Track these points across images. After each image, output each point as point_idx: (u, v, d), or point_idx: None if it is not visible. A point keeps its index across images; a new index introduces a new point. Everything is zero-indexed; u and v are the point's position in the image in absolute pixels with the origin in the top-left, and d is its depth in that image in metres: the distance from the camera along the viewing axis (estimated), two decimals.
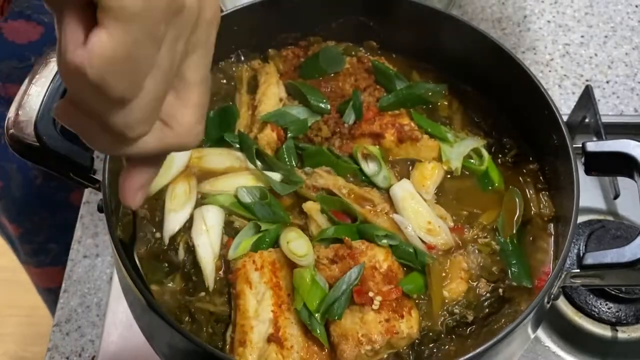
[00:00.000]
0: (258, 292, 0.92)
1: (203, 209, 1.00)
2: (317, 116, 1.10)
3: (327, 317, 0.91)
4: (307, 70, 1.16)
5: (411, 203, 1.01)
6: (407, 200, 1.01)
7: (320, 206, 1.00)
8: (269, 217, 0.99)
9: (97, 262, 1.27)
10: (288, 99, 1.12)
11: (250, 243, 0.97)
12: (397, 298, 0.92)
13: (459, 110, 1.15)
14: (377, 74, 1.15)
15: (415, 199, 1.01)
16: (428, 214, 1.00)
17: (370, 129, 1.08)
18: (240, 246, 0.96)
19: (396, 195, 1.02)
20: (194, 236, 0.97)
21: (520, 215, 1.04)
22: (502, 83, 1.10)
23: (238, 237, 0.98)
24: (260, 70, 1.15)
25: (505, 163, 1.10)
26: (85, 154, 0.93)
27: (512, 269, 0.99)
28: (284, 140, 1.07)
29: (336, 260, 0.94)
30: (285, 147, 1.07)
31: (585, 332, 1.17)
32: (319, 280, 0.92)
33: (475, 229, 1.03)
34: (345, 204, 1.00)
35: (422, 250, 0.98)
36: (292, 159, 1.06)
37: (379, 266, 0.94)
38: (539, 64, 1.53)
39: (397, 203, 1.01)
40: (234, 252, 0.96)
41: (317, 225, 1.00)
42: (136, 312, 0.96)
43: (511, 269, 0.99)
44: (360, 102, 1.10)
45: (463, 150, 1.08)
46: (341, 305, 0.91)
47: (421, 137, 1.08)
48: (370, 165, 1.06)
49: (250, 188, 1.01)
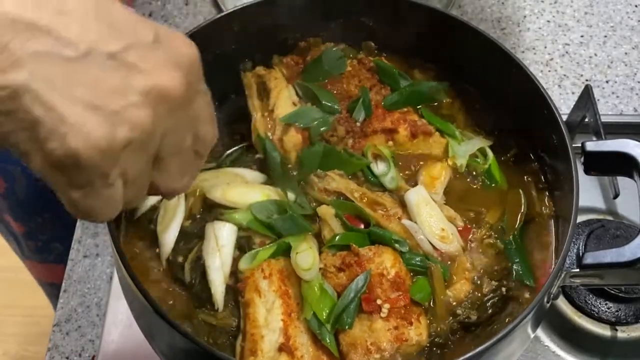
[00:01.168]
0: (267, 300, 0.92)
1: (216, 225, 0.97)
2: (331, 116, 1.09)
3: (338, 327, 0.90)
4: (311, 74, 1.16)
5: (425, 209, 1.00)
6: (421, 205, 1.00)
7: (335, 211, 0.99)
8: (293, 230, 0.98)
9: (97, 262, 1.27)
10: (300, 102, 1.12)
11: (267, 255, 0.95)
12: (405, 305, 0.92)
13: (461, 109, 1.16)
14: (380, 73, 1.15)
15: (430, 204, 1.01)
16: (441, 221, 1.00)
17: (383, 125, 1.08)
18: (257, 257, 0.95)
19: (411, 200, 1.01)
20: (205, 255, 0.95)
21: (523, 214, 1.04)
22: (501, 83, 1.10)
23: (254, 250, 0.96)
24: (268, 75, 1.14)
25: (507, 162, 1.10)
26: None
27: (515, 267, 0.99)
28: (307, 142, 1.07)
29: (343, 268, 0.94)
30: (313, 149, 1.05)
31: (585, 331, 1.17)
32: (327, 289, 0.92)
33: (482, 228, 1.03)
34: (358, 208, 1.00)
35: (430, 256, 0.98)
36: (316, 161, 1.05)
37: (387, 273, 0.93)
38: (538, 63, 1.53)
39: (411, 208, 1.01)
40: (250, 263, 0.95)
41: (330, 229, 0.99)
42: (136, 311, 0.96)
43: (515, 268, 0.99)
44: (369, 99, 1.10)
45: (470, 148, 1.09)
46: (350, 314, 0.90)
47: (434, 132, 1.09)
48: (380, 166, 1.06)
49: (266, 203, 0.99)
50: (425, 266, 0.97)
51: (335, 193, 1.02)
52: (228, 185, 1.02)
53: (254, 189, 1.03)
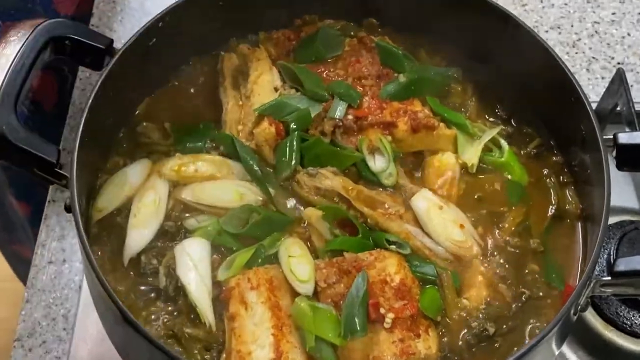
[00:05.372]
0: (255, 313, 0.92)
1: (185, 245, 0.98)
2: (319, 105, 1.08)
3: (351, 335, 0.90)
4: (303, 53, 1.15)
5: (438, 213, 1.00)
6: (432, 211, 1.00)
7: (323, 215, 0.99)
8: (270, 231, 0.99)
9: (64, 269, 1.26)
10: (284, 87, 1.11)
11: (245, 260, 0.96)
12: (412, 315, 0.92)
13: (474, 97, 1.15)
14: (382, 55, 1.15)
15: (443, 208, 1.01)
16: (457, 224, 1.00)
17: (380, 119, 1.07)
18: (233, 265, 0.96)
19: (419, 207, 1.01)
20: (181, 275, 0.96)
21: (549, 213, 1.05)
22: (522, 66, 1.10)
23: (231, 256, 0.97)
24: (250, 56, 1.14)
25: (527, 155, 1.11)
26: (51, 146, 0.93)
27: (540, 273, 1.00)
28: (283, 136, 1.06)
29: (340, 276, 0.94)
30: (288, 143, 1.05)
31: (616, 347, 1.17)
32: (321, 306, 0.92)
33: (499, 230, 1.03)
34: (350, 215, 1.00)
35: (439, 262, 0.98)
36: (294, 157, 1.04)
37: (390, 279, 0.94)
38: (564, 44, 1.53)
39: (421, 216, 1.01)
40: (226, 273, 0.95)
41: (318, 235, 1.00)
42: (109, 325, 0.96)
43: (540, 273, 1.00)
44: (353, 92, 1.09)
45: (483, 142, 1.09)
46: (361, 319, 0.90)
47: (438, 125, 1.08)
48: (378, 161, 1.06)
49: (237, 212, 1.00)
50: (434, 274, 0.97)
51: (328, 192, 1.02)
52: (198, 185, 1.03)
53: (226, 188, 1.03)
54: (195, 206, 1.02)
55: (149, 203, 1.01)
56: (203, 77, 1.17)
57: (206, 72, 1.18)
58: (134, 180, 1.04)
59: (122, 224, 1.01)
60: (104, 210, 1.02)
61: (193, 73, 1.17)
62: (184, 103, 1.15)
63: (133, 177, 1.04)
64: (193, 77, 1.17)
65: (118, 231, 1.01)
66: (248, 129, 1.07)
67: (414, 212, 1.01)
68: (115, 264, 0.99)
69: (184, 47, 1.14)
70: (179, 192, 1.03)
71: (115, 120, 1.09)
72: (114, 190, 1.03)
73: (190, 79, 1.17)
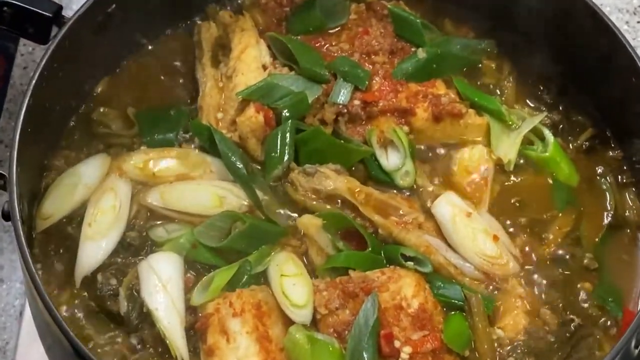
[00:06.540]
0: (238, 346, 0.91)
1: (151, 260, 0.98)
2: (318, 87, 1.08)
3: None
4: (298, 23, 1.15)
5: (465, 222, 1.00)
6: (458, 218, 1.00)
7: (323, 224, 0.99)
8: (258, 243, 0.99)
9: (2, 291, 1.26)
10: (274, 64, 1.11)
11: (225, 280, 0.96)
12: (434, 349, 0.92)
13: (512, 76, 1.15)
14: (396, 24, 1.14)
15: (472, 216, 1.01)
16: (489, 236, 1.00)
17: (394, 104, 1.07)
18: (211, 286, 0.95)
19: (442, 215, 1.01)
20: (147, 298, 0.95)
21: (604, 221, 1.06)
22: (570, 38, 1.10)
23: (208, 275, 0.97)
24: (233, 25, 1.13)
25: (577, 149, 1.11)
26: None
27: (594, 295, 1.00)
28: (273, 126, 1.05)
29: (345, 299, 0.94)
30: (280, 135, 1.04)
31: None
32: (321, 337, 0.92)
33: (542, 242, 1.03)
34: (356, 224, 1.00)
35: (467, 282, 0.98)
36: (287, 152, 1.04)
37: (407, 305, 0.93)
38: (623, 11, 1.54)
39: (444, 225, 1.01)
40: (203, 295, 0.95)
41: (318, 248, 0.99)
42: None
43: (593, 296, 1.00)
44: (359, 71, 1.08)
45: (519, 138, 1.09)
46: (370, 354, 0.90)
47: (466, 112, 1.08)
48: (391, 157, 1.06)
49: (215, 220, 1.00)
50: (461, 298, 0.96)
51: (329, 195, 1.02)
52: (168, 186, 1.03)
53: (202, 190, 1.03)
54: (164, 213, 1.02)
55: (107, 209, 1.01)
56: (175, 52, 1.17)
57: (179, 46, 1.18)
58: (88, 180, 1.03)
59: (74, 235, 1.00)
60: (51, 217, 1.01)
61: (163, 47, 1.17)
62: (151, 84, 1.15)
63: (87, 176, 1.04)
64: (163, 51, 1.17)
65: (69, 244, 1.00)
66: (230, 117, 1.07)
67: (436, 221, 1.01)
68: (65, 285, 0.99)
69: (152, 15, 1.14)
70: (144, 196, 1.03)
71: (66, 105, 1.09)
72: (63, 193, 1.02)
73: (159, 55, 1.17)
